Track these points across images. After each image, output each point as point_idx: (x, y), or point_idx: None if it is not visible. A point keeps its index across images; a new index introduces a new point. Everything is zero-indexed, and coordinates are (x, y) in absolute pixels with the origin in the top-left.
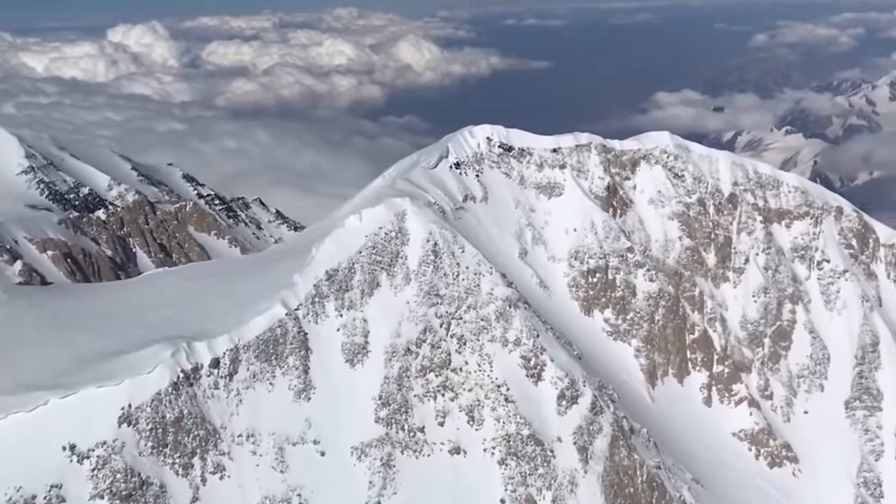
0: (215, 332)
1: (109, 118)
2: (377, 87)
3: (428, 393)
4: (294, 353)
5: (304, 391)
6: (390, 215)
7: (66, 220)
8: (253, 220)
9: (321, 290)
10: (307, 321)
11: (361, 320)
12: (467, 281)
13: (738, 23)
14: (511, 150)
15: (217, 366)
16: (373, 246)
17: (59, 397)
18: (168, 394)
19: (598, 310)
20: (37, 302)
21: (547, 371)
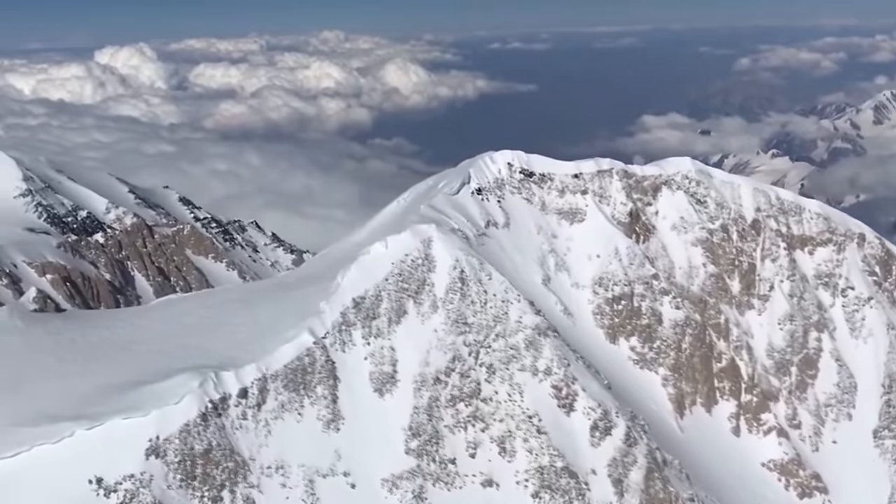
0: (242, 360)
1: (98, 140)
2: (365, 109)
3: (458, 423)
4: (322, 383)
5: (332, 421)
6: (416, 242)
7: (64, 243)
8: (249, 243)
9: (348, 318)
10: (334, 350)
11: (389, 349)
12: (495, 309)
13: (722, 46)
14: (532, 176)
15: (245, 396)
16: (399, 273)
17: (85, 429)
18: (196, 425)
19: (623, 337)
20: (53, 330)
21: (579, 401)
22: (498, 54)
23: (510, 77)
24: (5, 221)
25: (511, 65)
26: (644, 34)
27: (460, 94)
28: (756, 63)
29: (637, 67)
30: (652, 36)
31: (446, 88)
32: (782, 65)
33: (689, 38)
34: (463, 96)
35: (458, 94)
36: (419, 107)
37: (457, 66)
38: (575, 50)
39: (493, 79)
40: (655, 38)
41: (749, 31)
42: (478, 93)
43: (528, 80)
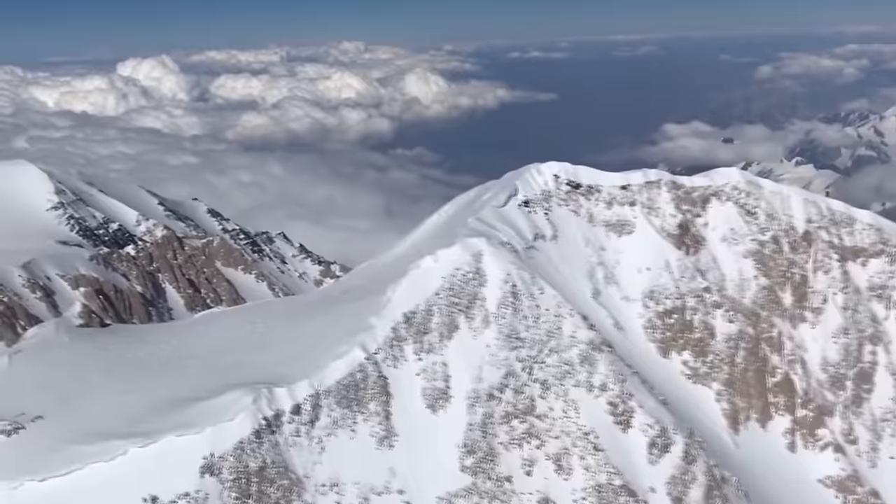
0: (293, 376)
1: (122, 152)
2: (386, 119)
3: (513, 440)
4: (375, 399)
5: (386, 438)
6: (466, 256)
7: (97, 256)
8: (277, 254)
9: (399, 333)
10: (386, 365)
11: (441, 364)
12: (548, 323)
13: (743, 54)
14: (579, 188)
15: (298, 412)
16: (450, 287)
17: (139, 446)
18: (251, 442)
19: (675, 352)
20: (100, 345)
21: (636, 418)
22: (517, 63)
23: (530, 86)
24: (38, 234)
25: (531, 74)
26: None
27: (481, 103)
28: (777, 70)
29: (657, 75)
30: (672, 44)
31: (466, 98)
32: (804, 72)
33: (710, 45)
34: (483, 106)
35: (479, 104)
36: (440, 116)
37: (476, 75)
38: (594, 58)
39: (513, 88)
40: (675, 46)
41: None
42: (498, 102)
43: (548, 89)
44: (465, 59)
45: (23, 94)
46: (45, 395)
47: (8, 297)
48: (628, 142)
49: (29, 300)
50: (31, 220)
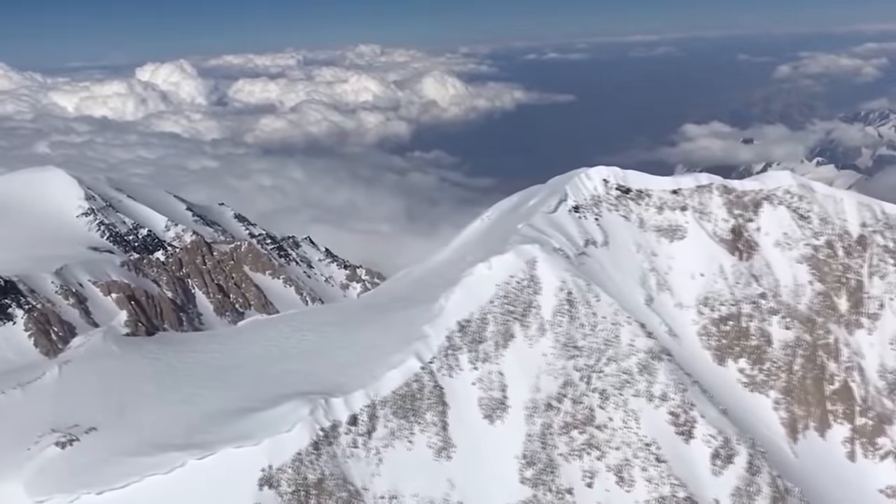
0: (349, 386)
1: (142, 156)
2: (404, 122)
3: (573, 451)
4: (431, 409)
5: (444, 449)
6: (521, 263)
7: (127, 262)
8: (304, 258)
9: (454, 341)
10: (441, 375)
11: (497, 373)
12: (605, 332)
13: (760, 54)
14: (629, 192)
15: (355, 423)
16: (505, 295)
17: (196, 458)
18: (309, 454)
19: (731, 359)
20: (149, 354)
21: (698, 428)
22: (534, 65)
23: (548, 88)
24: (69, 240)
25: (548, 75)
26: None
27: (498, 105)
28: (796, 70)
29: (675, 76)
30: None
31: (484, 100)
32: (823, 72)
33: (727, 46)
34: (501, 108)
35: (496, 106)
36: (457, 119)
37: (493, 77)
38: (612, 59)
39: (530, 90)
40: (692, 46)
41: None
42: (516, 104)
43: (565, 91)
44: (481, 61)
45: (43, 99)
46: (98, 406)
47: (42, 303)
48: (647, 143)
49: (62, 307)
50: (62, 227)
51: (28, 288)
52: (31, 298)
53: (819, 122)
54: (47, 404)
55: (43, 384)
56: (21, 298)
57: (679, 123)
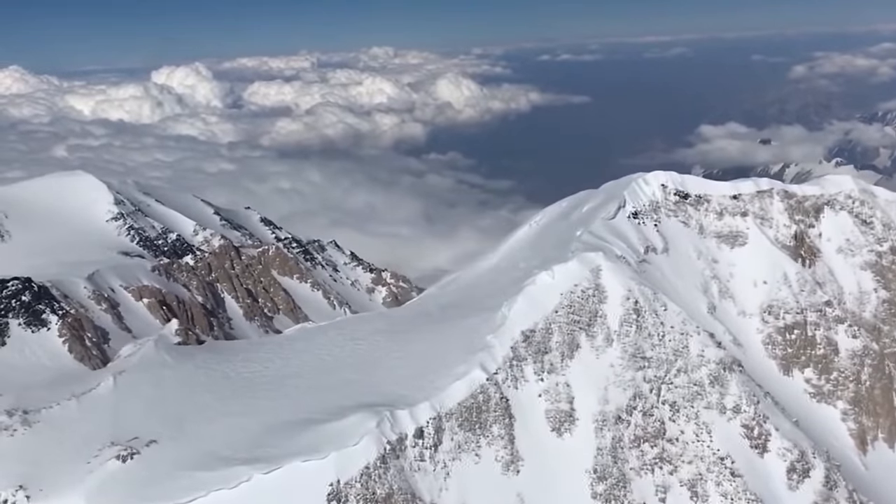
0: (412, 398)
1: (159, 159)
2: (419, 124)
3: (644, 465)
4: (498, 422)
5: (512, 463)
6: (585, 271)
7: (158, 266)
8: (329, 262)
9: (518, 352)
10: (507, 386)
11: (564, 385)
12: (674, 342)
13: (775, 54)
14: (687, 198)
15: (421, 436)
16: (569, 305)
17: (262, 472)
18: (377, 467)
19: (797, 369)
20: (202, 364)
21: (772, 441)
22: (548, 66)
23: (562, 89)
24: (99, 245)
25: (562, 76)
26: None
27: (513, 107)
28: (811, 70)
29: (690, 77)
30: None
31: (499, 102)
32: (838, 72)
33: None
34: (516, 109)
35: (511, 108)
36: (472, 121)
37: (507, 79)
38: (626, 60)
39: (545, 91)
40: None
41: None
42: (531, 105)
43: (580, 92)
44: (495, 63)
45: (59, 102)
46: (156, 418)
47: (75, 309)
48: (664, 144)
49: (95, 312)
50: (92, 231)
51: (61, 293)
52: (65, 304)
53: (837, 123)
54: (104, 416)
55: (98, 395)
56: (54, 304)
57: (695, 124)
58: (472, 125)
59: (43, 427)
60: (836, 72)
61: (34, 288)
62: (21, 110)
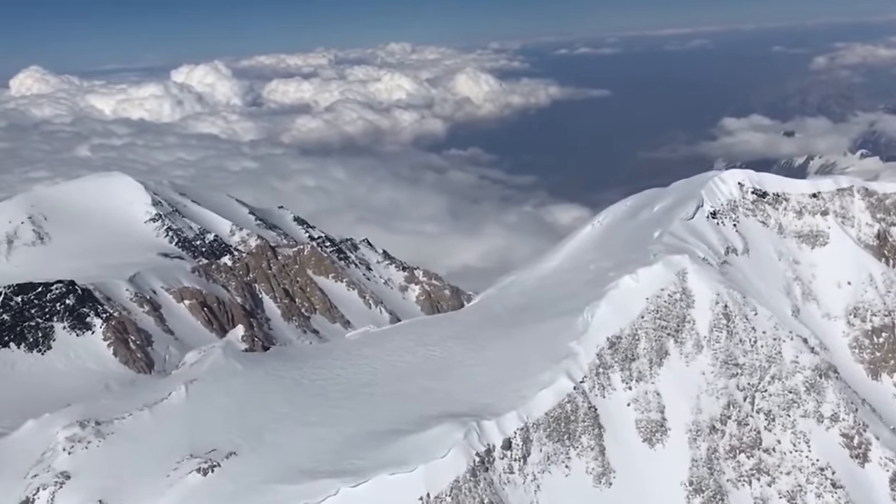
0: (497, 408)
1: (182, 158)
2: (438, 120)
3: (741, 477)
4: (587, 432)
5: (603, 475)
6: (670, 275)
7: (198, 268)
8: (363, 261)
9: (604, 359)
10: (594, 395)
11: (654, 393)
12: (767, 348)
13: (795, 46)
14: (765, 196)
15: (509, 447)
16: (656, 310)
17: (350, 486)
18: (467, 480)
19: (886, 373)
20: (273, 371)
21: (873, 451)
22: (566, 60)
23: (582, 83)
24: (139, 247)
25: (581, 70)
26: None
27: (532, 101)
28: (833, 61)
29: (710, 69)
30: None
31: (518, 96)
32: (860, 62)
33: (761, 38)
34: (536, 104)
35: (531, 102)
36: (492, 116)
37: (526, 73)
38: (645, 53)
39: (564, 85)
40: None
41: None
42: (550, 100)
43: (600, 86)
44: (512, 57)
45: (80, 102)
46: (233, 429)
47: (118, 311)
48: (686, 137)
49: (137, 314)
50: (131, 233)
51: (104, 296)
52: (108, 307)
53: (861, 114)
54: (179, 427)
55: (171, 405)
56: (98, 307)
57: (717, 117)
58: (492, 120)
59: (117, 439)
60: (858, 62)
61: (78, 291)
62: (43, 110)
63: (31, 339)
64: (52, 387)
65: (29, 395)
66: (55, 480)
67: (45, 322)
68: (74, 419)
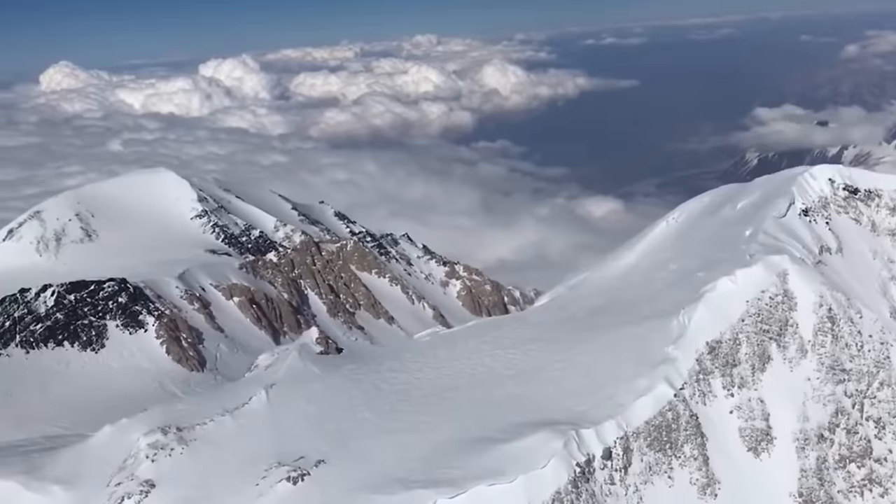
0: (593, 416)
1: (213, 152)
2: (466, 112)
3: (852, 488)
4: (689, 441)
5: (708, 486)
6: (771, 276)
7: (245, 264)
8: (403, 256)
9: (704, 365)
10: (694, 402)
11: (758, 400)
12: (874, 352)
13: (825, 35)
14: (857, 193)
15: (609, 457)
16: (757, 313)
17: (448, 497)
18: (568, 492)
19: None
20: (350, 374)
21: None
22: (593, 50)
23: (610, 73)
24: (186, 244)
25: (609, 61)
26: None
27: (561, 92)
28: (864, 50)
29: (738, 59)
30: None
31: (546, 88)
32: (893, 50)
33: (790, 26)
34: (564, 95)
35: (559, 93)
36: (520, 107)
37: (553, 64)
38: (672, 43)
39: (592, 76)
40: (754, 28)
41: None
42: (579, 90)
43: (628, 76)
44: (539, 48)
45: (110, 97)
46: (318, 435)
47: (169, 309)
48: (716, 127)
49: (187, 312)
50: (178, 229)
51: (154, 294)
52: (159, 304)
53: None
54: (263, 433)
55: (252, 410)
56: (150, 305)
57: (747, 107)
58: (520, 112)
59: (200, 445)
60: (891, 50)
61: (129, 289)
62: (73, 105)
63: (84, 338)
64: (106, 386)
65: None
66: (140, 489)
67: (98, 320)
68: (153, 425)
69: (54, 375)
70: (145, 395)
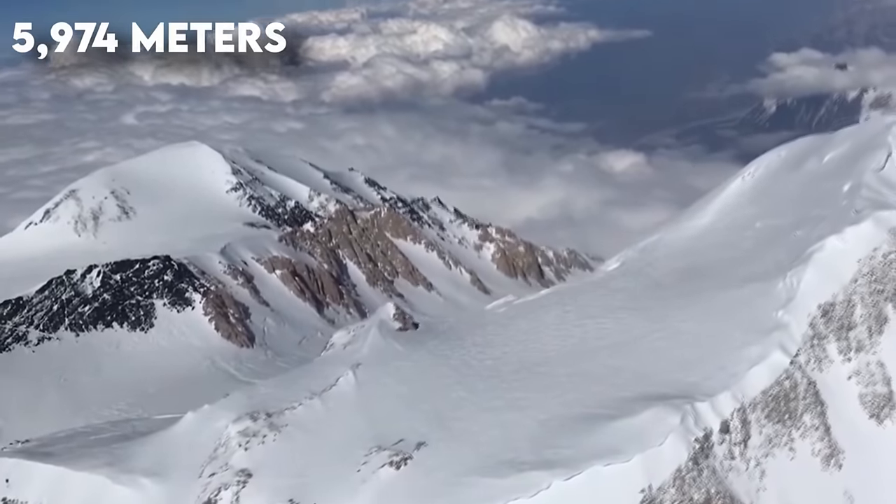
0: (706, 387)
1: (228, 122)
2: (478, 70)
3: None
4: (809, 410)
5: (831, 456)
6: (882, 233)
7: (284, 236)
8: (436, 220)
9: (818, 329)
10: (811, 369)
11: (877, 364)
12: None
13: None
14: None
15: (727, 430)
16: (870, 272)
17: (563, 479)
18: (689, 470)
19: None
20: (435, 351)
21: None
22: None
23: (621, 24)
24: (223, 217)
25: (619, 11)
26: None
27: (573, 46)
28: None
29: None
30: None
31: (558, 42)
32: None
33: None
34: (576, 48)
35: (571, 47)
36: (533, 63)
37: (563, 17)
38: None
39: (603, 28)
40: None
41: None
42: (591, 43)
43: (640, 26)
44: (548, 2)
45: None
46: (414, 416)
47: (214, 285)
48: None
49: (232, 287)
50: (214, 203)
51: (199, 270)
52: (204, 280)
53: None
54: (355, 416)
55: (341, 392)
56: (195, 281)
57: (763, 53)
58: (533, 67)
59: (292, 431)
60: None
61: (174, 266)
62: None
63: (133, 318)
64: (158, 365)
65: (138, 376)
66: (237, 479)
67: (145, 300)
68: (239, 410)
69: (106, 357)
70: (198, 373)
